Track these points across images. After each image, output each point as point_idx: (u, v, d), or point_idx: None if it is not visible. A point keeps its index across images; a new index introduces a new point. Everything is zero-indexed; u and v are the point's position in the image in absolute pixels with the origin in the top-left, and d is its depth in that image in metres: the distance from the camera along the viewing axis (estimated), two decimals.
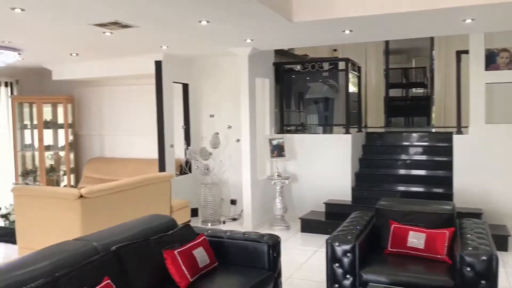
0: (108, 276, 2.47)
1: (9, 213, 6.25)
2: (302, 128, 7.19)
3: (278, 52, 6.87)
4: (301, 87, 7.39)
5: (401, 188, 6.24)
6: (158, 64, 6.21)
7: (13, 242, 5.59)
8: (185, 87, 6.86)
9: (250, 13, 4.06)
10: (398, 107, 10.04)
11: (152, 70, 6.29)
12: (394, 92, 10.13)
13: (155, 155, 6.67)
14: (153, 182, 5.38)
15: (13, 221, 6.11)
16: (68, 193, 4.42)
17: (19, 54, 5.79)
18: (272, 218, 6.20)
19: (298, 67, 6.99)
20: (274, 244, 3.29)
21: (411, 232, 3.46)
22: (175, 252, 2.90)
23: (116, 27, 4.37)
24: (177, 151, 6.57)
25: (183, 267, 2.85)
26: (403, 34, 5.33)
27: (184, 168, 6.78)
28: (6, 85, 7.61)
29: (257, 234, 3.41)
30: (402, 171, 6.48)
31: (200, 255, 3.04)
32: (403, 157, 6.62)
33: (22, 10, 3.74)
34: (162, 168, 6.32)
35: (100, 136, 7.93)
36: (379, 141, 7.02)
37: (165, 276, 2.88)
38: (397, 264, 3.38)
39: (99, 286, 2.36)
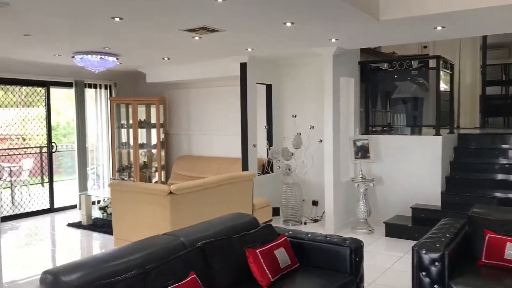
0: (194, 271, 2.59)
1: (106, 206, 6.81)
2: (388, 129, 6.93)
3: (364, 51, 6.69)
4: (388, 86, 7.14)
5: (498, 194, 5.76)
6: (243, 66, 6.36)
7: (110, 233, 6.08)
8: (269, 87, 6.95)
9: (337, 13, 4.00)
10: (496, 106, 9.26)
11: (237, 71, 6.46)
12: (492, 90, 9.36)
13: (238, 154, 6.84)
14: (237, 181, 5.53)
15: (110, 214, 6.65)
16: (159, 189, 4.70)
17: (117, 59, 6.27)
18: (355, 221, 6.07)
19: (385, 66, 6.75)
20: (357, 248, 3.22)
21: (509, 244, 3.19)
22: (257, 251, 2.95)
23: (205, 32, 4.55)
24: (259, 150, 6.69)
25: (265, 267, 2.90)
26: (504, 28, 4.91)
27: (266, 168, 6.87)
28: (105, 87, 8.29)
29: (339, 238, 3.36)
30: (499, 176, 5.98)
31: (281, 255, 3.07)
32: (502, 161, 6.10)
33: (121, 19, 4.05)
34: (245, 167, 6.47)
35: (188, 135, 8.32)
36: (474, 143, 6.53)
37: (247, 274, 2.95)
38: (492, 277, 3.14)
39: (185, 280, 2.48)
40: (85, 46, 5.59)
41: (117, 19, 4.04)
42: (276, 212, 6.63)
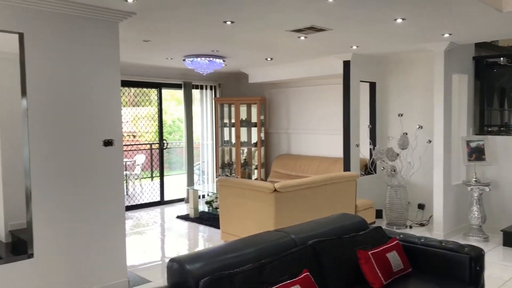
0: (306, 268, 2.63)
1: (212, 201, 7.14)
2: (506, 129, 6.36)
3: (479, 45, 6.21)
4: (506, 83, 6.55)
5: None
6: (347, 64, 6.27)
7: (215, 226, 6.38)
8: (372, 85, 6.77)
9: (455, 6, 3.77)
10: None
11: (339, 70, 6.39)
12: None
13: (339, 153, 6.76)
14: (339, 181, 5.48)
15: (216, 208, 6.96)
16: (264, 187, 4.83)
17: (223, 61, 6.55)
18: (467, 227, 5.67)
19: (503, 60, 6.20)
20: (477, 257, 3.01)
21: None
22: (369, 253, 2.90)
23: (311, 31, 4.57)
24: (362, 150, 6.54)
25: (377, 269, 2.84)
26: None
27: (369, 168, 6.70)
28: (211, 88, 8.71)
29: (455, 244, 3.17)
30: None
31: (394, 259, 2.98)
32: None
33: (232, 22, 4.22)
34: (347, 167, 6.37)
35: (287, 134, 8.42)
36: None
37: (358, 275, 2.91)
38: None
39: (299, 277, 2.52)
40: (196, 50, 5.93)
41: (228, 22, 4.23)
42: (379, 214, 6.44)
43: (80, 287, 3.78)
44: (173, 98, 12.13)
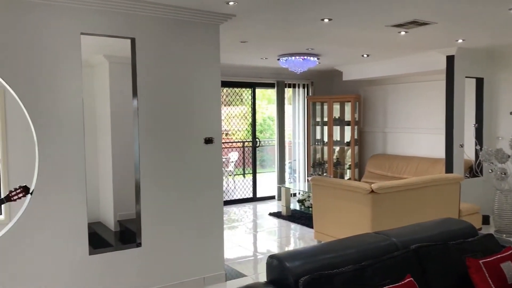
0: (409, 273, 2.51)
1: (304, 199, 7.14)
2: None
3: None
4: None
5: None
6: (450, 59, 5.87)
7: (307, 225, 6.37)
8: (479, 81, 6.27)
9: None
10: None
11: (442, 65, 6.00)
12: None
13: (440, 154, 6.36)
14: (441, 183, 5.16)
15: (308, 207, 6.95)
16: (360, 187, 4.71)
17: (318, 59, 6.50)
18: None
19: None
20: None
21: None
22: (480, 262, 2.69)
23: (413, 26, 4.36)
24: (466, 151, 6.09)
25: (489, 280, 2.62)
26: None
27: (475, 170, 6.22)
28: (303, 86, 8.70)
29: None
30: None
31: (508, 270, 2.73)
32: None
33: (330, 20, 4.17)
34: (449, 168, 5.98)
35: (383, 133, 8.12)
36: None
37: (465, 284, 2.71)
38: None
39: (402, 282, 2.42)
40: (290, 49, 5.96)
41: (326, 20, 4.18)
42: (485, 220, 5.96)
43: (182, 277, 3.99)
44: (264, 97, 12.32)
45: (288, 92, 8.63)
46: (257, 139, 8.48)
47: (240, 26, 4.45)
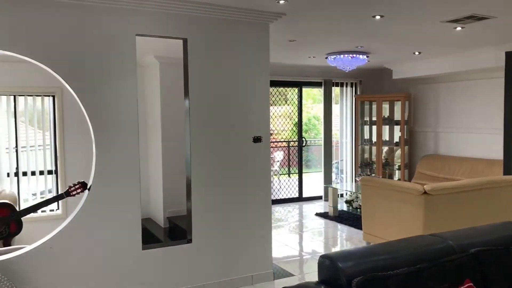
0: (469, 278, 2.41)
1: (352, 200, 7.02)
2: None
3: None
4: None
5: None
6: (510, 55, 5.58)
7: (355, 226, 6.26)
8: None
9: None
10: None
11: (500, 62, 5.72)
12: None
13: (496, 155, 6.06)
14: (499, 185, 4.92)
15: (356, 208, 6.83)
16: (412, 188, 4.57)
17: (367, 57, 6.37)
18: None
19: None
20: None
21: None
22: None
23: (470, 21, 4.18)
24: None
25: None
26: None
27: None
28: (351, 85, 8.56)
29: None
30: None
31: None
32: None
33: (381, 16, 4.08)
34: (507, 170, 5.69)
35: (435, 133, 7.85)
36: None
37: None
38: None
39: (462, 287, 2.33)
40: (339, 47, 5.87)
41: (378, 17, 4.09)
42: None
43: (230, 274, 4.04)
44: (309, 96, 12.23)
45: (335, 91, 8.52)
46: (303, 139, 8.43)
47: (290, 24, 4.44)
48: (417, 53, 6.32)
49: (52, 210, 7.04)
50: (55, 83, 7.12)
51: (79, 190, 3.45)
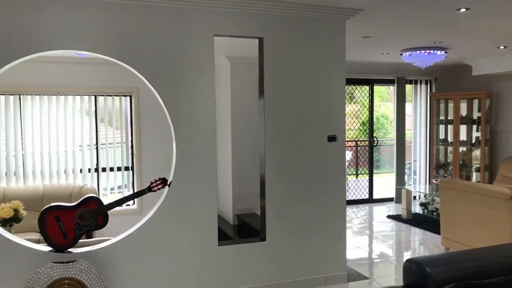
0: None
1: (427, 203, 6.71)
2: None
3: None
4: None
5: None
6: None
7: (431, 230, 5.98)
8: None
9: None
10: None
11: None
12: None
13: None
14: None
15: (432, 211, 6.52)
16: (499, 192, 4.27)
17: (445, 52, 6.05)
18: None
19: None
20: None
21: None
22: None
23: None
24: None
25: None
26: None
27: None
28: (425, 83, 8.18)
29: None
30: None
31: None
32: None
33: (467, 9, 3.85)
34: None
35: None
36: None
37: None
38: None
39: None
40: (415, 42, 5.63)
41: (463, 9, 3.87)
42: None
43: (304, 274, 4.00)
44: (376, 94, 11.87)
45: (407, 88, 8.19)
46: (374, 138, 8.19)
47: (366, 21, 4.32)
48: (502, 47, 5.90)
49: (128, 205, 7.39)
50: (132, 84, 7.49)
51: (159, 186, 3.57)
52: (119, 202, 3.52)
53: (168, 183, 3.60)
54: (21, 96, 7.05)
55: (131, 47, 3.42)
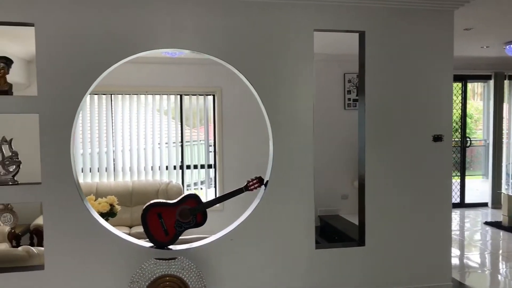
0: None
1: None
2: None
3: None
4: None
5: None
6: None
7: None
8: None
9: None
10: None
11: None
12: None
13: None
14: None
15: None
16: None
17: None
18: None
19: None
20: None
21: None
22: None
23: None
24: None
25: None
26: None
27: None
28: None
29: None
30: None
31: None
32: None
33: None
34: None
35: None
36: None
37: None
38: None
39: None
40: None
41: None
42: None
43: (405, 282, 3.76)
44: (457, 92, 11.09)
45: (506, 84, 7.54)
46: (467, 138, 7.63)
47: (470, 11, 3.97)
48: None
49: None
50: (216, 84, 7.59)
51: (256, 185, 3.51)
52: (217, 201, 3.51)
53: (264, 183, 3.53)
54: (112, 95, 7.39)
55: (235, 46, 3.38)
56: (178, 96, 7.63)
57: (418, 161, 3.75)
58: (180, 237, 3.47)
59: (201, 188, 8.13)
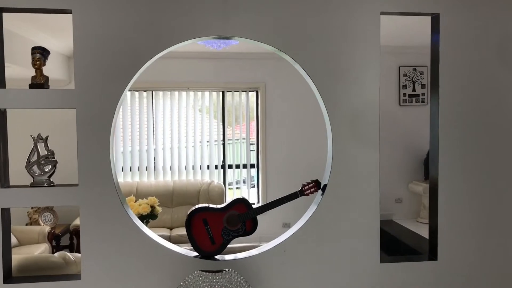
0: None
1: None
2: None
3: None
4: None
5: None
6: None
7: None
8: None
9: None
10: None
11: None
12: None
13: None
14: None
15: None
16: None
17: None
18: None
19: None
20: None
21: None
22: None
23: None
24: None
25: None
26: None
27: None
28: None
29: None
30: None
31: None
32: None
33: None
34: None
35: None
36: None
37: None
38: None
39: None
40: None
41: None
42: None
43: None
44: None
45: None
46: None
47: None
48: None
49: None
50: (259, 79, 7.23)
51: (312, 190, 3.12)
52: (269, 206, 3.13)
53: (321, 187, 3.14)
54: (153, 92, 7.17)
55: (292, 34, 2.99)
56: (220, 93, 7.33)
57: (502, 164, 3.24)
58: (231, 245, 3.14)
59: (238, 188, 7.79)
